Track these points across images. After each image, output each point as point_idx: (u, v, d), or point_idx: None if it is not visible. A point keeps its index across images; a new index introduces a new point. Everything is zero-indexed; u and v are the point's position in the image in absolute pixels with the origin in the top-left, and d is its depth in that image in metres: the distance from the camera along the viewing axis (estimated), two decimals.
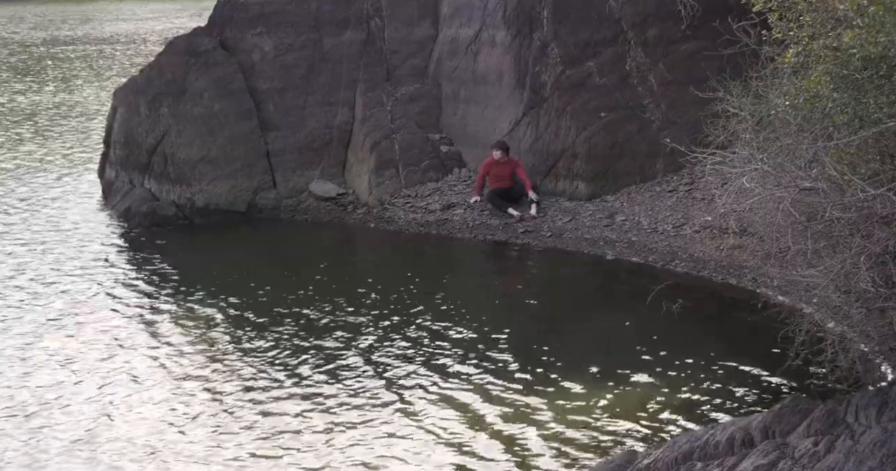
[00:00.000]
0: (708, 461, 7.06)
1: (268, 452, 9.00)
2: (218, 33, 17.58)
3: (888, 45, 6.86)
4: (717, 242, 13.38)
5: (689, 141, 11.86)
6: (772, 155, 8.09)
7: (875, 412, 6.53)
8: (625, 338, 11.23)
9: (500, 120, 16.30)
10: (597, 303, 12.81)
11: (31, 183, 19.13)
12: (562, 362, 10.63)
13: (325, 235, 15.87)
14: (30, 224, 16.40)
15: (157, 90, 17.07)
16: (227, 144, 16.81)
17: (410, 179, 16.36)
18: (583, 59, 15.65)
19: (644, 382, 10.07)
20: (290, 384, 10.31)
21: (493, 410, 9.63)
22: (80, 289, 13.27)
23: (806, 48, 7.99)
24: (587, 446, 8.91)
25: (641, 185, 15.22)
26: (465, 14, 17.18)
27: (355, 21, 17.70)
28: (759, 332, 10.85)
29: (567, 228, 14.73)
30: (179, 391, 10.23)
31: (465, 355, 10.88)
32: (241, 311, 12.38)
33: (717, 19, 13.07)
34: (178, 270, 14.14)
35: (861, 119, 7.07)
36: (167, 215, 16.52)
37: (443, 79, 17.36)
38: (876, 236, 7.31)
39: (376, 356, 10.93)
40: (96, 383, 10.45)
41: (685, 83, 14.72)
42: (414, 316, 12.04)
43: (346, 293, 12.84)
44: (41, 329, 11.91)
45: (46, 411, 9.84)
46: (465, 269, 14.44)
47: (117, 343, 11.47)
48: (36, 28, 51.18)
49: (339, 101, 17.36)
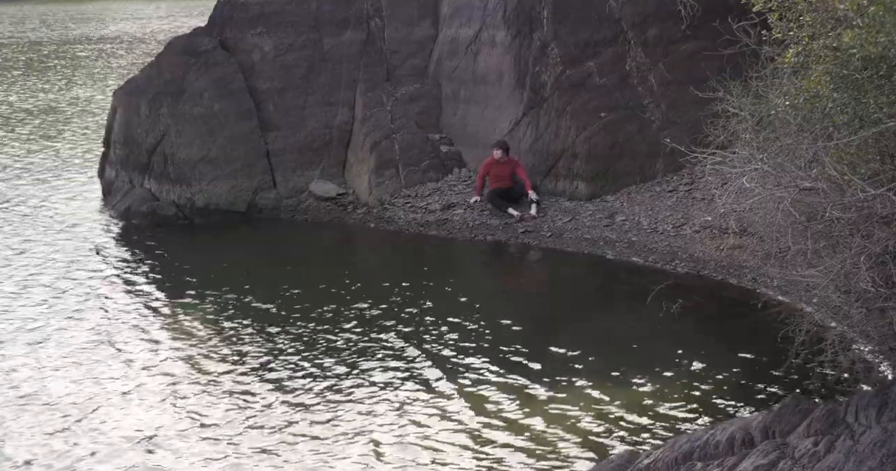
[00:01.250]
0: (708, 461, 7.05)
1: (267, 451, 8.99)
2: (218, 33, 17.58)
3: (888, 45, 6.86)
4: (717, 242, 13.38)
5: (689, 141, 11.87)
6: (772, 155, 8.09)
7: (875, 412, 6.52)
8: (625, 338, 11.23)
9: (500, 120, 16.30)
10: (597, 303, 12.81)
11: (31, 182, 19.12)
12: (561, 362, 10.63)
13: (325, 235, 15.87)
14: (30, 224, 16.39)
15: (156, 90, 17.07)
16: (227, 144, 16.81)
17: (410, 179, 16.36)
18: (583, 59, 15.65)
19: (644, 382, 10.07)
20: (289, 384, 10.31)
21: (493, 409, 9.63)
22: (79, 289, 13.26)
23: (806, 48, 7.99)
24: (587, 445, 8.91)
25: (641, 185, 15.22)
26: (465, 14, 17.18)
27: (355, 21, 17.70)
28: (759, 332, 10.85)
29: (567, 228, 14.73)
30: (179, 391, 10.22)
31: (465, 355, 10.88)
32: (240, 311, 12.38)
33: (717, 19, 13.08)
34: (178, 270, 14.14)
35: (861, 119, 7.07)
36: (167, 215, 16.52)
37: (443, 79, 17.36)
38: (876, 236, 7.31)
39: (376, 356, 10.92)
40: (95, 382, 10.45)
41: (685, 83, 14.73)
42: (413, 316, 12.04)
43: (345, 293, 12.84)
44: (41, 329, 11.91)
45: (46, 410, 9.84)
46: (465, 269, 14.43)
47: (116, 343, 11.46)
48: (36, 28, 51.18)
49: (339, 101, 17.36)
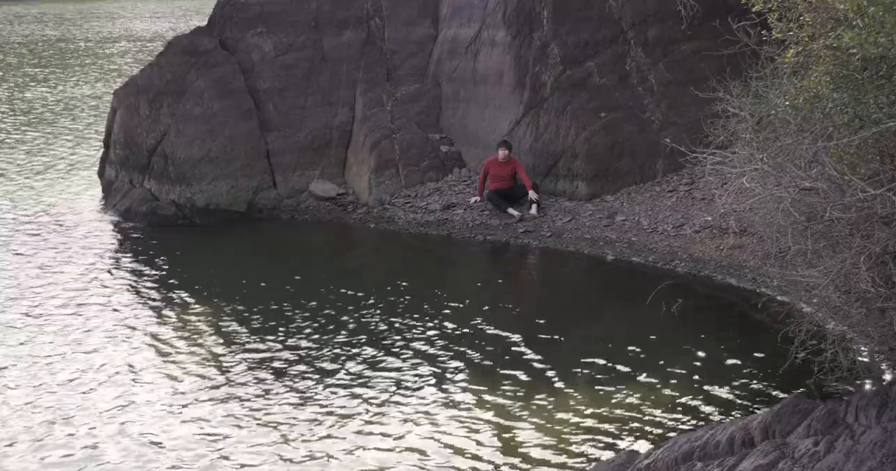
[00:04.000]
0: (708, 461, 7.05)
1: (266, 451, 8.99)
2: (218, 33, 17.59)
3: (888, 46, 6.86)
4: (717, 242, 13.38)
5: (689, 141, 11.87)
6: (772, 155, 8.08)
7: (875, 412, 6.53)
8: (625, 338, 11.23)
9: (500, 120, 16.30)
10: (597, 303, 12.81)
11: (31, 182, 19.12)
12: (561, 361, 10.62)
13: (325, 235, 15.87)
14: (30, 224, 16.38)
15: (157, 90, 17.08)
16: (227, 144, 16.82)
17: (410, 179, 16.36)
18: (583, 59, 15.66)
19: (644, 382, 10.07)
20: (289, 384, 10.30)
21: (493, 409, 9.63)
22: (79, 289, 13.26)
23: (806, 48, 7.98)
24: (587, 445, 8.91)
25: (641, 185, 15.23)
26: (464, 14, 17.19)
27: (355, 21, 17.71)
28: (759, 332, 10.86)
29: (567, 228, 14.73)
30: (178, 391, 10.22)
31: (465, 355, 10.88)
32: (240, 311, 12.37)
33: (717, 19, 13.08)
34: (178, 270, 14.14)
35: (861, 119, 7.06)
36: (167, 215, 16.52)
37: (443, 79, 17.36)
38: (876, 236, 7.30)
39: (375, 356, 10.92)
40: (94, 382, 10.44)
41: (685, 83, 14.75)
42: (413, 316, 12.03)
43: (345, 293, 12.84)
44: (40, 328, 11.91)
45: (44, 410, 9.84)
46: (465, 269, 14.43)
47: (116, 343, 11.46)
48: (36, 28, 51.18)
49: (339, 101, 17.37)
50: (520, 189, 15.41)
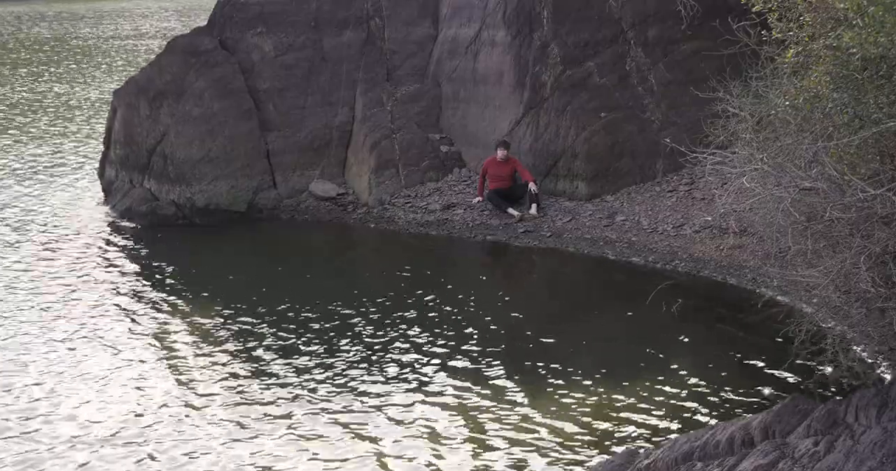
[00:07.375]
0: (708, 461, 7.06)
1: (266, 451, 9.00)
2: (218, 33, 17.59)
3: (888, 45, 6.86)
4: (717, 242, 13.38)
5: (689, 141, 11.88)
6: (772, 155, 8.09)
7: (875, 412, 6.53)
8: (625, 338, 11.23)
9: (500, 120, 16.30)
10: (597, 303, 12.80)
11: (31, 182, 19.12)
12: (561, 361, 10.62)
13: (325, 235, 15.87)
14: (30, 223, 16.38)
15: (157, 90, 17.08)
16: (227, 144, 16.81)
17: (410, 179, 16.36)
18: (583, 59, 15.65)
19: (644, 382, 10.07)
20: (289, 384, 10.31)
21: (493, 409, 9.63)
22: (79, 288, 13.26)
23: (806, 48, 7.99)
24: (587, 445, 8.91)
25: (641, 185, 15.23)
26: (464, 14, 17.19)
27: (355, 21, 17.71)
28: (759, 332, 10.86)
29: (567, 228, 14.73)
30: (179, 390, 10.22)
31: (465, 355, 10.88)
32: (240, 311, 12.37)
33: (717, 19, 13.09)
34: (178, 270, 14.13)
35: (861, 119, 7.07)
36: (167, 215, 16.52)
37: (443, 79, 17.36)
38: (876, 236, 7.30)
39: (375, 356, 10.92)
40: (94, 382, 10.45)
41: (685, 83, 14.75)
42: (413, 316, 12.03)
43: (345, 293, 12.83)
44: (40, 328, 11.91)
45: (43, 410, 9.84)
46: (465, 269, 14.43)
47: (115, 343, 11.46)
48: (35, 28, 51.20)
49: (339, 101, 17.37)
50: (520, 189, 15.40)
